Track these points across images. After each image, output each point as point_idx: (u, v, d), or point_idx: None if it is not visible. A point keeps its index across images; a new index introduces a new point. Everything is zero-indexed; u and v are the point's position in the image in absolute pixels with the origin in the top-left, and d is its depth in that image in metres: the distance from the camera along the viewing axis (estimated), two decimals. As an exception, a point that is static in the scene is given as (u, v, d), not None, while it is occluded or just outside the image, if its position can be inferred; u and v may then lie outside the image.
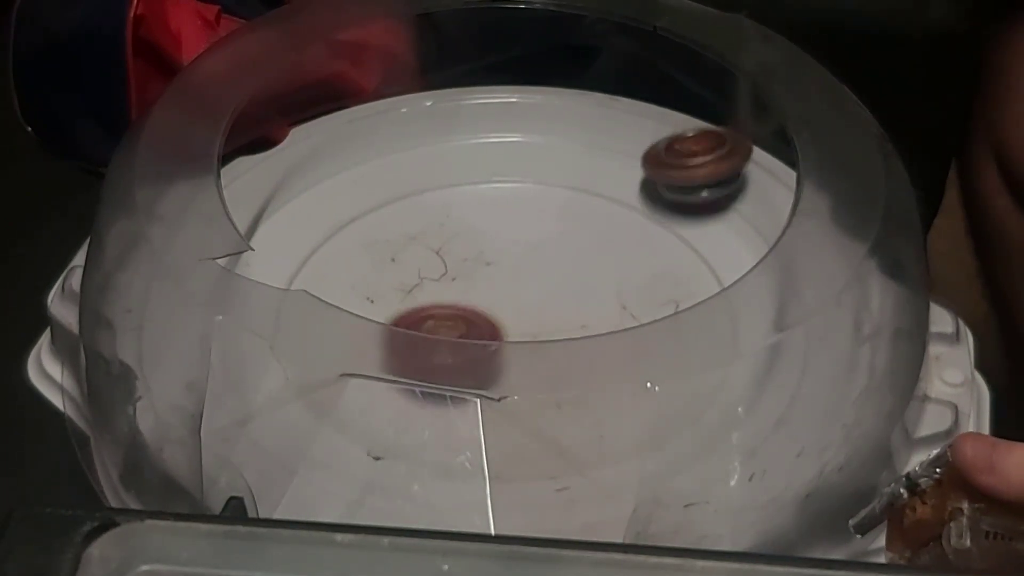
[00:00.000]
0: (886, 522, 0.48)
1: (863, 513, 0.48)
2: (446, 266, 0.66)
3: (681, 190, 0.68)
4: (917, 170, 0.60)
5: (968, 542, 0.43)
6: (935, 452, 0.46)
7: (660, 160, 0.68)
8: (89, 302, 0.58)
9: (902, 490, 0.46)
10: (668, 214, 0.69)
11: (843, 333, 0.54)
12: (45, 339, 0.64)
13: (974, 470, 0.43)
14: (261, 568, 0.37)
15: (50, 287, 0.63)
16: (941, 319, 0.61)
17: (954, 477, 0.44)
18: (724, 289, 0.53)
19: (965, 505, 0.44)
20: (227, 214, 0.54)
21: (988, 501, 0.44)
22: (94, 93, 0.82)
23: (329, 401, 0.51)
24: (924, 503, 0.45)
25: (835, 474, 0.52)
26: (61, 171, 0.85)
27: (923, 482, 0.45)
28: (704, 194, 0.67)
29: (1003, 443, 0.44)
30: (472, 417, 0.48)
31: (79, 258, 0.63)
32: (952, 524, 0.44)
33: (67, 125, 0.84)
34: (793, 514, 0.51)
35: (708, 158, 0.67)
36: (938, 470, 0.45)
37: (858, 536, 0.49)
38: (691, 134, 0.69)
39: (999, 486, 0.43)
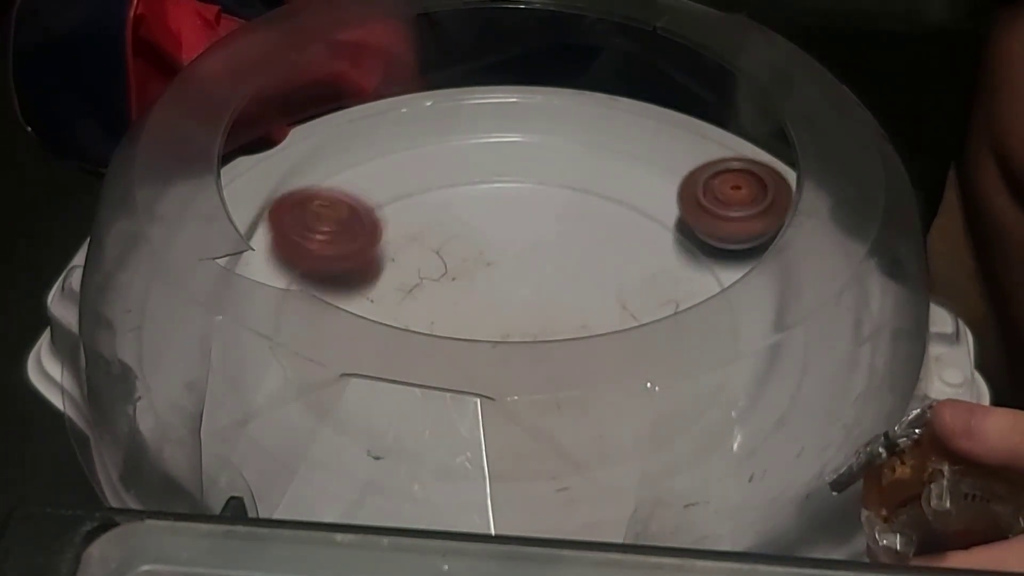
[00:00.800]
0: (863, 480, 0.48)
1: (841, 470, 0.48)
2: (446, 266, 0.66)
3: (716, 238, 0.65)
4: (917, 170, 0.60)
5: (948, 504, 0.44)
6: (914, 412, 0.46)
7: (697, 203, 0.65)
8: (89, 302, 0.58)
9: (880, 449, 0.46)
10: (668, 214, 0.69)
11: (843, 333, 0.54)
12: (45, 339, 0.64)
13: (953, 435, 0.44)
14: (261, 568, 0.37)
15: (50, 287, 0.63)
16: (941, 319, 0.61)
17: (934, 440, 0.45)
18: (724, 289, 0.53)
19: (945, 468, 0.45)
20: (227, 214, 0.54)
21: (967, 464, 0.44)
22: (94, 93, 0.82)
23: (329, 401, 0.51)
24: (903, 463, 0.46)
25: (835, 474, 0.52)
26: (61, 171, 0.85)
27: (902, 442, 0.46)
28: (740, 246, 0.64)
29: (981, 408, 0.45)
30: (472, 417, 0.48)
31: (79, 258, 0.63)
32: (932, 486, 0.44)
33: (67, 125, 0.85)
34: (793, 514, 0.51)
35: (749, 212, 0.63)
36: (917, 430, 0.46)
37: (834, 493, 0.49)
38: (735, 166, 0.65)
39: (978, 450, 0.44)
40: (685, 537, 0.49)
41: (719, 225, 0.64)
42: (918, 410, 0.46)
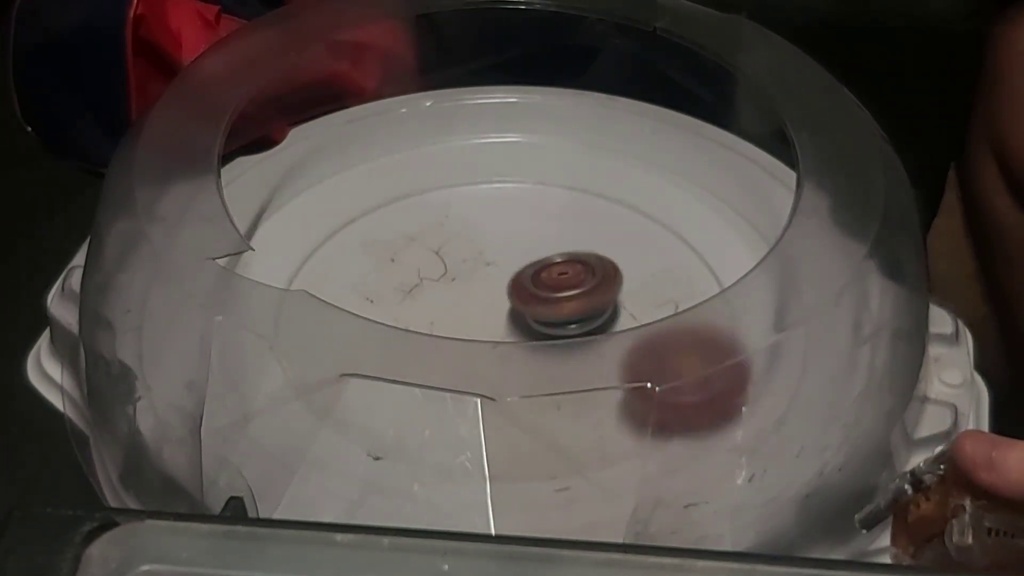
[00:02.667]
0: (891, 518, 0.48)
1: (868, 509, 0.48)
2: (446, 266, 0.66)
3: (549, 324, 0.61)
4: (917, 170, 0.60)
5: (970, 539, 0.43)
6: (939, 449, 0.46)
7: (526, 292, 0.61)
8: (89, 302, 0.58)
9: (907, 486, 0.46)
10: (668, 214, 0.69)
11: (843, 333, 0.54)
12: (45, 339, 0.64)
13: (974, 467, 0.44)
14: (261, 568, 0.37)
15: (50, 287, 0.63)
16: (941, 320, 0.61)
17: (957, 474, 0.44)
18: (724, 289, 0.53)
19: (967, 502, 0.44)
20: (227, 214, 0.54)
21: (990, 498, 0.44)
22: (94, 93, 0.82)
23: (329, 401, 0.51)
24: (928, 500, 0.46)
25: (835, 474, 0.52)
26: (61, 171, 0.85)
27: (927, 479, 0.46)
28: (573, 327, 0.60)
29: (1003, 440, 0.44)
30: (472, 417, 0.48)
31: (79, 258, 0.63)
32: (954, 521, 0.44)
33: (67, 125, 0.85)
34: (793, 514, 0.51)
35: (575, 292, 0.60)
36: (942, 467, 0.45)
37: (863, 531, 0.49)
38: (559, 260, 0.63)
39: (999, 483, 0.43)
40: (685, 537, 0.49)
41: (549, 309, 0.61)
42: (943, 446, 0.46)
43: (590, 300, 0.60)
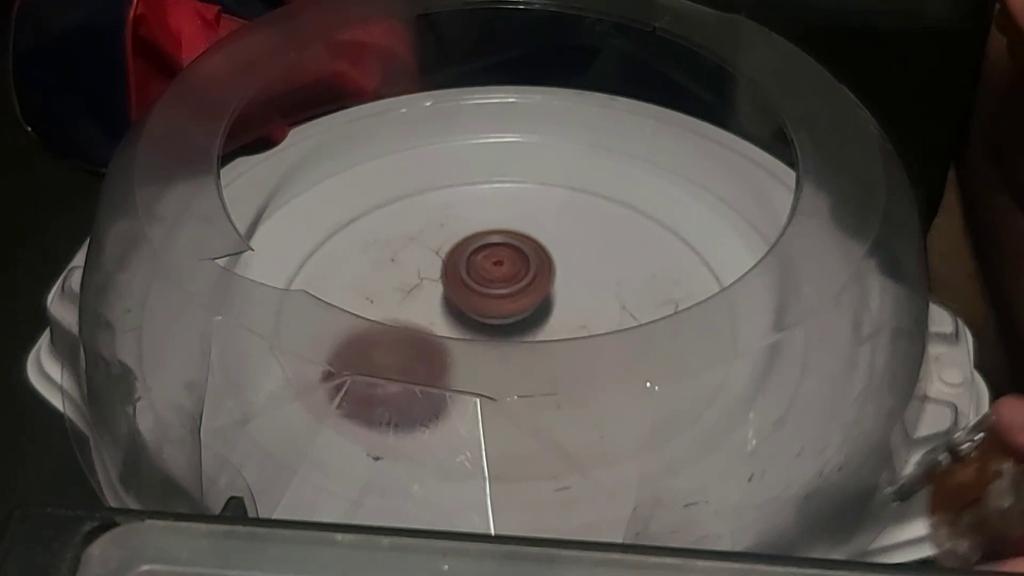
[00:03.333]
0: (930, 488, 0.48)
1: (902, 481, 0.48)
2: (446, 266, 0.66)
3: (484, 316, 0.61)
4: (917, 170, 0.60)
5: (1009, 502, 0.44)
6: (976, 419, 0.46)
7: (460, 282, 0.61)
8: (89, 302, 0.58)
9: (941, 457, 0.46)
10: (668, 214, 0.69)
11: (843, 333, 0.54)
12: (45, 339, 0.64)
13: (1012, 429, 0.44)
14: (261, 568, 0.37)
15: (50, 287, 0.63)
16: (941, 319, 0.61)
17: (996, 439, 0.45)
18: (724, 289, 0.53)
19: (1007, 466, 0.44)
20: (227, 214, 0.54)
21: None
22: (94, 93, 0.82)
23: (329, 401, 0.51)
24: (966, 467, 0.46)
25: (835, 474, 0.52)
26: (61, 171, 0.85)
27: (965, 448, 0.46)
28: (506, 321, 0.61)
29: None
30: (472, 417, 0.48)
31: (79, 258, 0.63)
32: (994, 484, 0.44)
33: (67, 125, 0.85)
34: (793, 514, 0.51)
35: (510, 290, 0.60)
36: (979, 435, 0.46)
37: (896, 503, 0.49)
38: (495, 239, 0.62)
39: None
40: (685, 537, 0.49)
41: (488, 306, 0.61)
42: (979, 416, 0.46)
43: (525, 298, 0.61)
